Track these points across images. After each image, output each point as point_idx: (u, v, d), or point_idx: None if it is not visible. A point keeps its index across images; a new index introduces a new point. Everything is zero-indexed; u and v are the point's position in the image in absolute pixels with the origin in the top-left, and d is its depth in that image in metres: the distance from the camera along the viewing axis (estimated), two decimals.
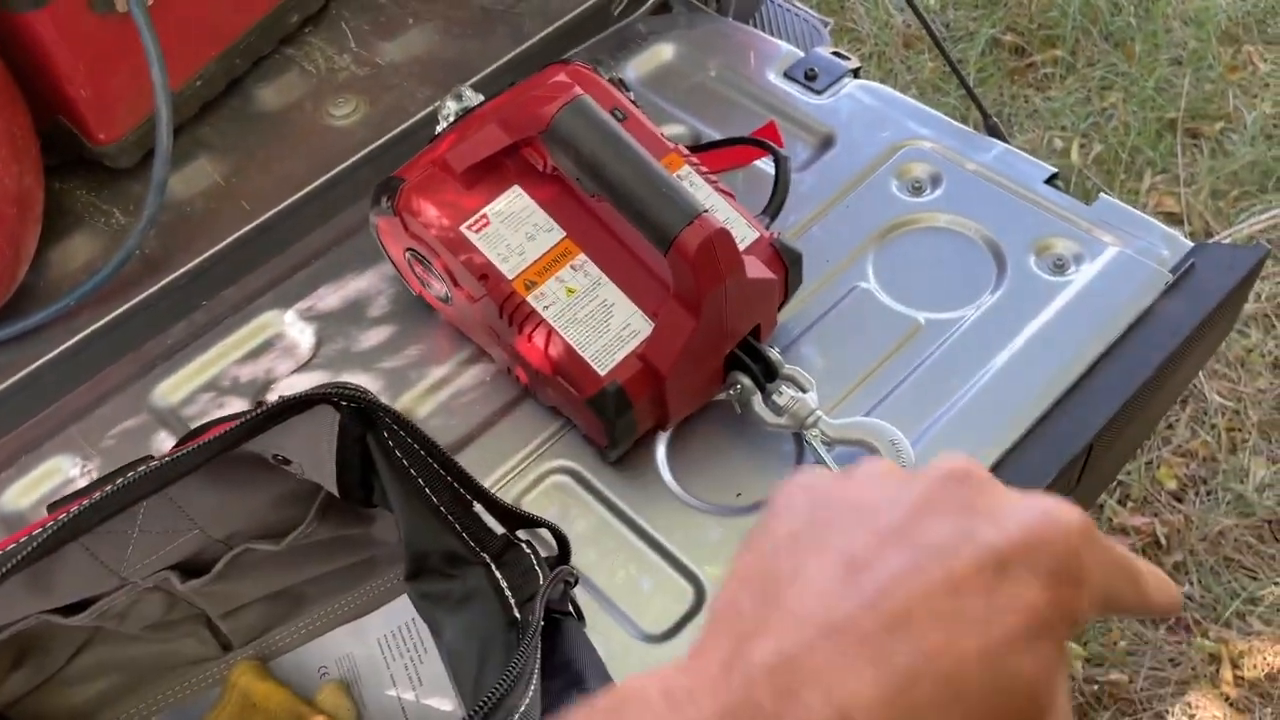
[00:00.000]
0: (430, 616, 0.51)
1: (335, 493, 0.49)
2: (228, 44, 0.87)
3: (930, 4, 1.89)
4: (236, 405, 0.71)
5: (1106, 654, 1.29)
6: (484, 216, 0.64)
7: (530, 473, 0.67)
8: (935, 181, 0.78)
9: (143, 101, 0.80)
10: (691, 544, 0.63)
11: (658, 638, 0.60)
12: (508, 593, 0.45)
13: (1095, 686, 1.27)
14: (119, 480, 0.41)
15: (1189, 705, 1.26)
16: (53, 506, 0.45)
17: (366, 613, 0.60)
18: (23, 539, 0.37)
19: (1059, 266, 0.72)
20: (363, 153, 0.85)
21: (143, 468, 0.41)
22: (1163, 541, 1.36)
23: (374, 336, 0.74)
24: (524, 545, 0.46)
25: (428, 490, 0.45)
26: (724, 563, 0.62)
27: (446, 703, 0.57)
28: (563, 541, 0.49)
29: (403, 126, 0.87)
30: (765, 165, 0.80)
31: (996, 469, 0.64)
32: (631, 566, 0.63)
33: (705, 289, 0.58)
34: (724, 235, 0.58)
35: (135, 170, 0.85)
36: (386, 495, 0.47)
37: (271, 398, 0.71)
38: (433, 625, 0.51)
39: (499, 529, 0.47)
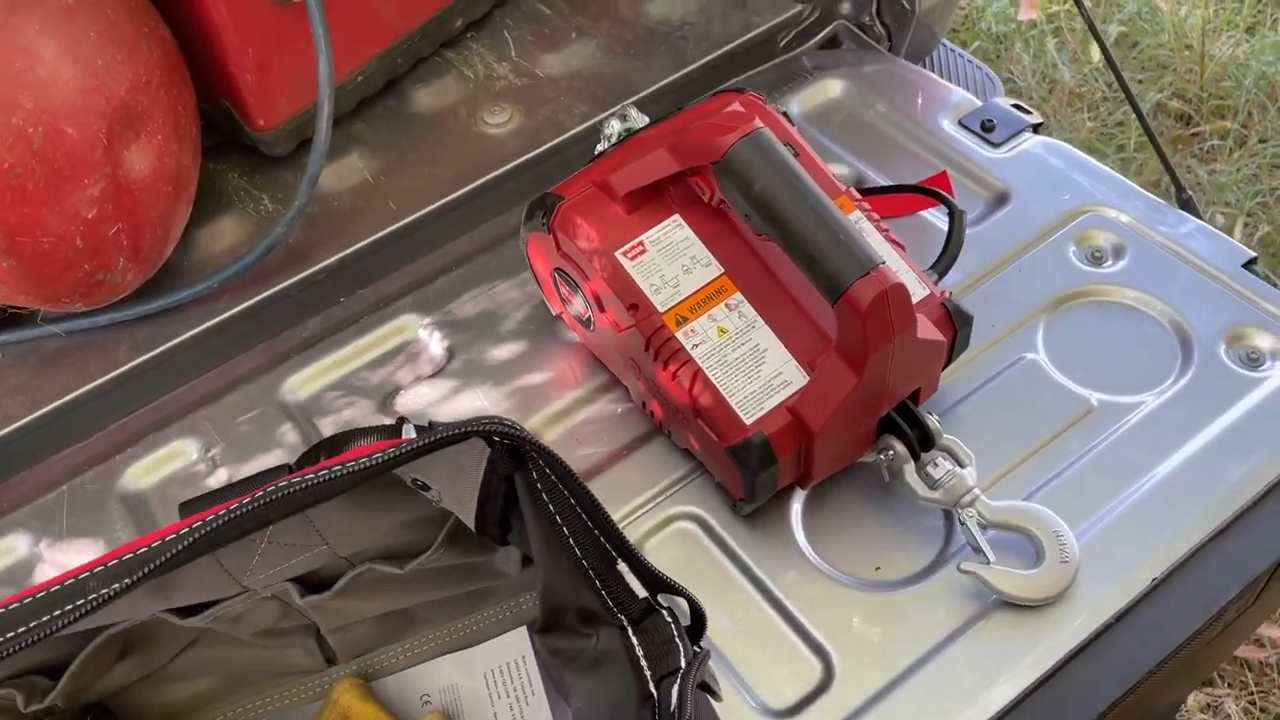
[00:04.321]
0: (559, 675, 0.48)
1: (471, 526, 0.46)
2: (391, 42, 0.86)
3: (1095, 63, 1.82)
4: (363, 407, 0.70)
5: None
6: (641, 244, 0.61)
7: (655, 515, 0.63)
8: (1118, 253, 0.72)
9: (304, 92, 0.80)
10: (823, 615, 0.59)
11: (780, 713, 0.56)
12: (644, 663, 0.42)
13: None
14: (260, 497, 0.38)
15: None
16: (185, 508, 0.43)
17: (477, 642, 0.57)
18: (155, 544, 0.35)
19: (1253, 360, 0.66)
20: (513, 164, 0.84)
21: (285, 485, 0.39)
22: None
23: (507, 352, 0.72)
24: (665, 613, 0.43)
25: (571, 541, 0.42)
26: (857, 641, 0.58)
27: None
28: (699, 616, 0.45)
29: (556, 141, 0.85)
30: (933, 216, 0.75)
31: (1171, 577, 0.58)
32: (756, 631, 0.58)
33: (872, 346, 0.54)
34: (900, 291, 0.54)
35: (288, 159, 0.85)
36: (523, 537, 0.44)
37: (399, 403, 0.70)
38: (560, 684, 0.48)
39: (640, 591, 0.43)
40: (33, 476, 0.68)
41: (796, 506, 0.63)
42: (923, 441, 0.60)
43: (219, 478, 0.66)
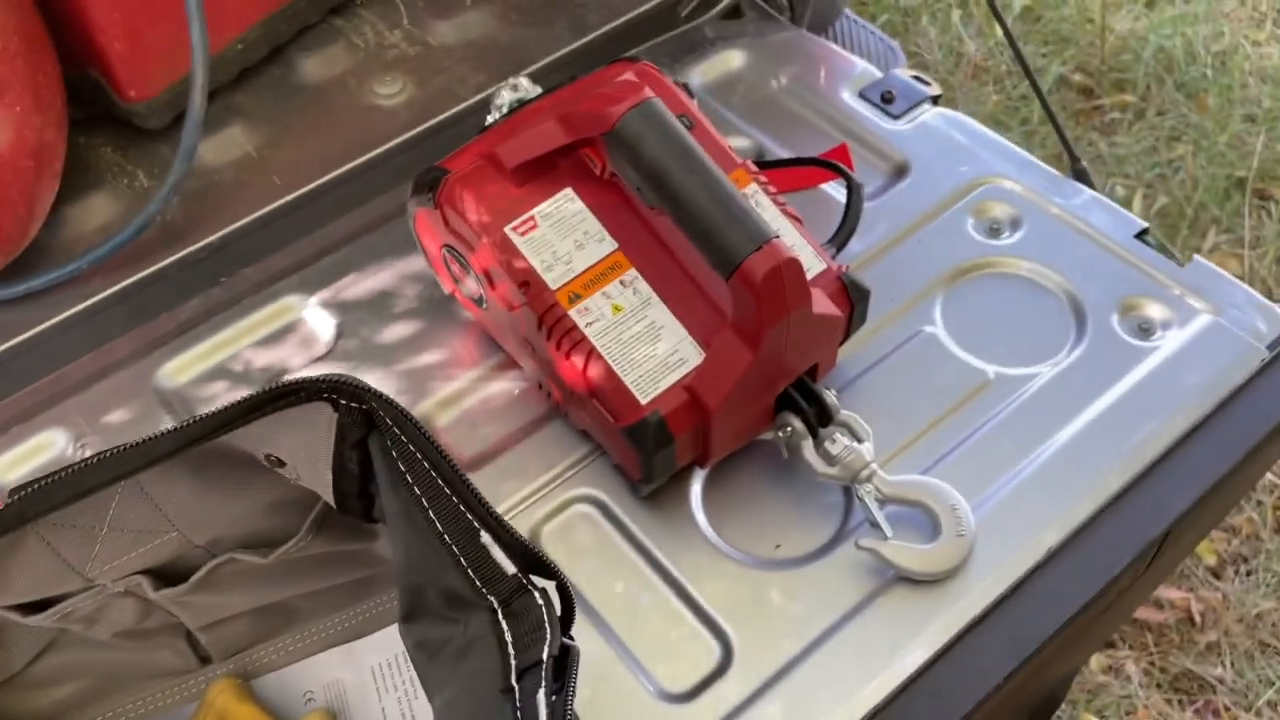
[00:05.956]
0: (425, 672, 0.45)
1: (331, 502, 0.43)
2: (275, 8, 0.82)
3: (999, 37, 1.83)
4: (245, 391, 0.66)
5: None
6: (532, 219, 0.59)
7: (552, 499, 0.62)
8: (1015, 224, 0.72)
9: (179, 60, 0.76)
10: (723, 597, 0.58)
11: (678, 697, 0.55)
12: (510, 649, 0.39)
13: None
14: (77, 463, 0.36)
15: None
16: (15, 491, 0.40)
17: (361, 635, 0.55)
18: None
19: (1145, 330, 0.67)
20: (405, 136, 0.81)
21: (105, 450, 0.36)
22: (1197, 619, 1.30)
23: (398, 333, 0.69)
24: (537, 593, 0.41)
25: (431, 513, 0.39)
26: (756, 621, 0.57)
27: None
28: (568, 604, 0.43)
29: (450, 112, 0.82)
30: (833, 190, 0.74)
31: (1066, 546, 0.58)
32: (654, 615, 0.57)
33: (768, 321, 0.53)
34: (794, 265, 0.53)
35: (165, 132, 0.80)
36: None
37: None
38: (427, 682, 0.46)
39: (509, 567, 0.40)
40: None
41: (696, 486, 0.62)
42: (820, 418, 0.59)
43: None
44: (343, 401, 0.38)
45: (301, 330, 0.70)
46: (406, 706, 0.53)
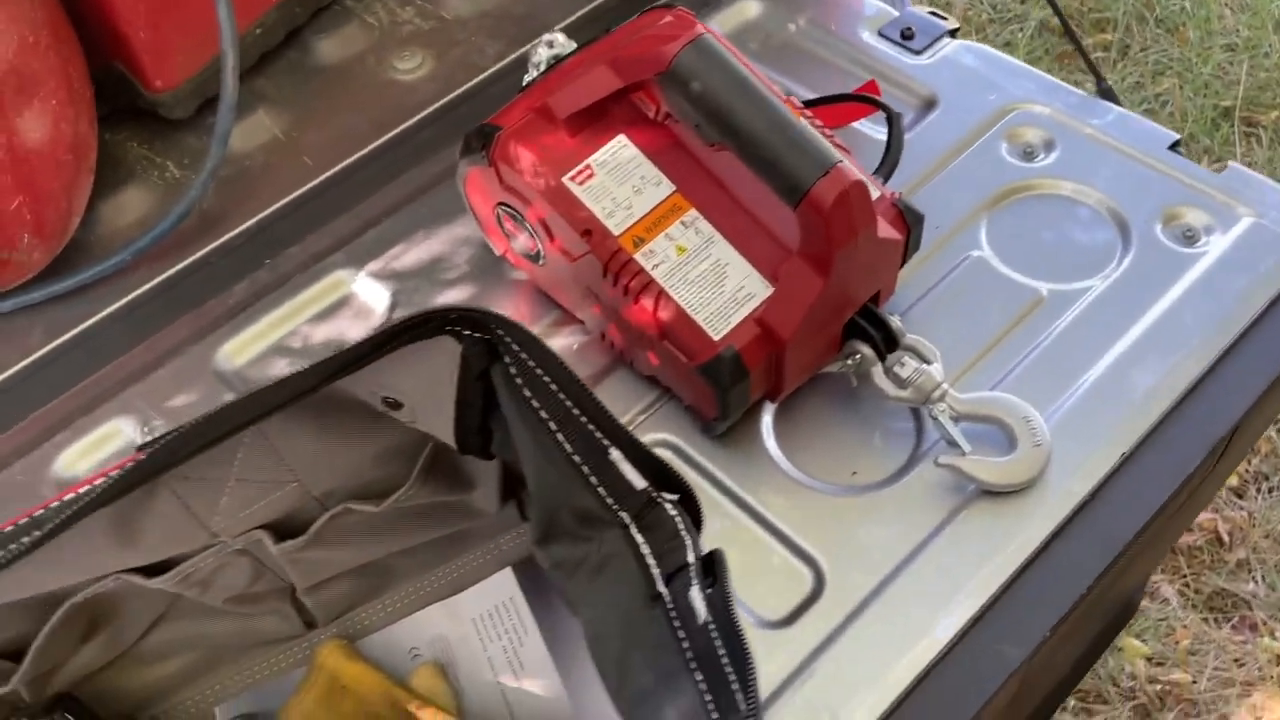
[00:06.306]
0: (564, 588, 0.45)
1: (452, 442, 0.44)
2: None
3: None
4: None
5: (1169, 653, 1.24)
6: (588, 168, 0.59)
7: None
8: (1049, 146, 0.73)
9: (201, 46, 0.76)
10: (808, 525, 0.58)
11: (778, 624, 0.55)
12: (650, 561, 0.40)
13: (1158, 686, 1.22)
14: (211, 412, 0.36)
15: (1255, 707, 1.21)
16: (146, 445, 0.40)
17: (459, 590, 0.55)
18: (111, 474, 0.32)
19: (1189, 237, 0.68)
20: (431, 109, 0.80)
21: (236, 397, 0.36)
22: (1225, 539, 1.32)
23: (451, 298, 0.69)
24: (668, 505, 0.41)
25: (560, 435, 0.39)
26: (843, 545, 0.58)
27: (550, 688, 0.53)
28: (697, 516, 0.44)
29: (472, 83, 0.82)
30: (865, 128, 0.75)
31: (1139, 450, 0.59)
32: (744, 549, 0.58)
33: (837, 245, 0.54)
34: (860, 188, 0.53)
35: (189, 122, 0.80)
36: (507, 443, 0.42)
37: None
38: (566, 598, 0.46)
39: (638, 482, 0.41)
40: None
41: (767, 420, 0.63)
42: (888, 342, 0.60)
43: None
44: (466, 332, 0.38)
45: (355, 303, 0.70)
46: (513, 654, 0.53)
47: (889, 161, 0.66)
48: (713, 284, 0.58)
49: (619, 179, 0.59)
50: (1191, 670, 1.23)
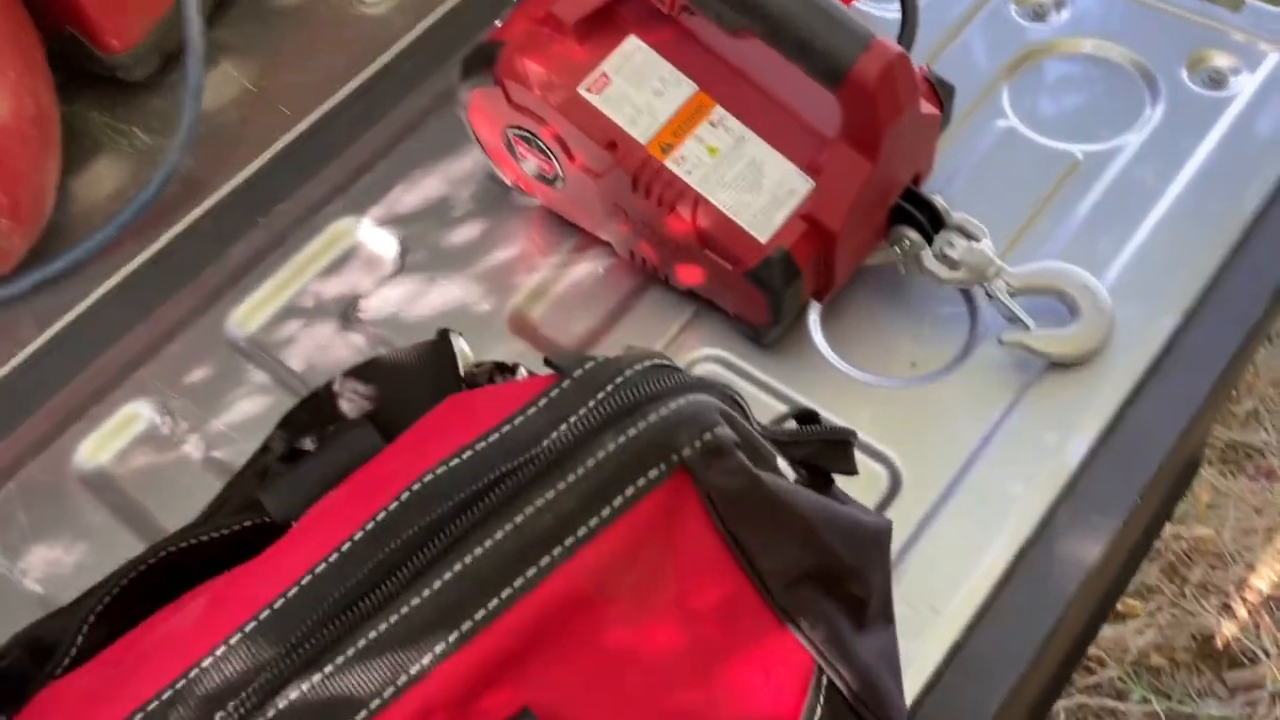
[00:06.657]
0: None
1: None
2: None
3: None
4: (325, 326, 0.63)
5: (1189, 510, 1.26)
6: (603, 75, 0.56)
7: None
8: (1059, 4, 0.70)
9: (154, 2, 0.70)
10: (875, 422, 0.56)
11: None
12: None
13: (1183, 543, 1.24)
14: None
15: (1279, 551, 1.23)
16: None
17: None
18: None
19: (1217, 80, 0.65)
20: (405, 42, 0.76)
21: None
22: (1232, 392, 1.33)
23: (464, 235, 0.66)
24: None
25: None
26: (914, 438, 0.56)
27: None
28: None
29: (446, 8, 0.77)
30: (865, 8, 0.72)
31: (1200, 305, 0.57)
32: None
33: (886, 123, 0.51)
34: (904, 60, 0.50)
35: (150, 83, 0.75)
36: None
37: (365, 312, 0.63)
38: None
39: None
40: None
41: (814, 323, 0.60)
42: (934, 223, 0.57)
43: (190, 432, 0.59)
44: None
45: (363, 253, 0.66)
46: None
47: (908, 31, 0.63)
48: (751, 184, 0.55)
49: (636, 83, 0.56)
50: (1213, 524, 1.25)
